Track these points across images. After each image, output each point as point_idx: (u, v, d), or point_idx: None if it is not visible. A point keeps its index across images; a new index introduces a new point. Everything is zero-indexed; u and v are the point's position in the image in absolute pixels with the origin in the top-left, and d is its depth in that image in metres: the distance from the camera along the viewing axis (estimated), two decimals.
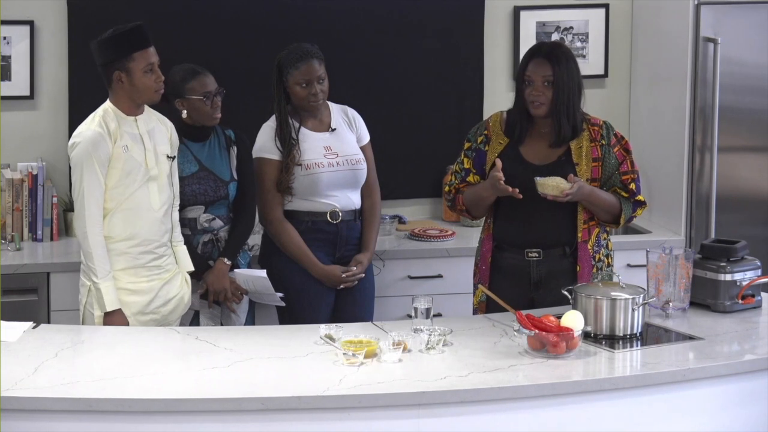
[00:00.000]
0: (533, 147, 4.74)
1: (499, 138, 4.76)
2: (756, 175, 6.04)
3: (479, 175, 4.80)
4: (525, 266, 4.74)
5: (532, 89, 4.65)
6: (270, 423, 3.70)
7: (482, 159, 4.79)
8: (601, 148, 4.72)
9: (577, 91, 4.69)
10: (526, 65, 4.68)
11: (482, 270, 4.83)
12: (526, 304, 4.64)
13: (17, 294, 5.22)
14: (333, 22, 6.01)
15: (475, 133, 4.84)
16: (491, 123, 4.81)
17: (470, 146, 4.83)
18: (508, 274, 4.77)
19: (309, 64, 5.05)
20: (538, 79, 4.64)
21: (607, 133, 4.75)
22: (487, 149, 4.77)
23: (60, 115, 5.83)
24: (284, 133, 5.07)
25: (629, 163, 4.75)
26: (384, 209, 5.69)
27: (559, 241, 4.74)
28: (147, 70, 4.56)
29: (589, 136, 4.73)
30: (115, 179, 4.57)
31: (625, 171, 4.74)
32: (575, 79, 4.68)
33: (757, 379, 4.11)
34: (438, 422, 3.78)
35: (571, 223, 4.73)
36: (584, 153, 4.71)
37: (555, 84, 4.63)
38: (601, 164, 4.73)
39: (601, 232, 4.79)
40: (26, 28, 5.74)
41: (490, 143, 4.77)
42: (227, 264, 5.00)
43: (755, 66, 5.94)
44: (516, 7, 6.26)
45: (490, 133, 4.78)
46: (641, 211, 4.81)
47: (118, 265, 4.61)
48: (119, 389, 3.72)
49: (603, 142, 4.73)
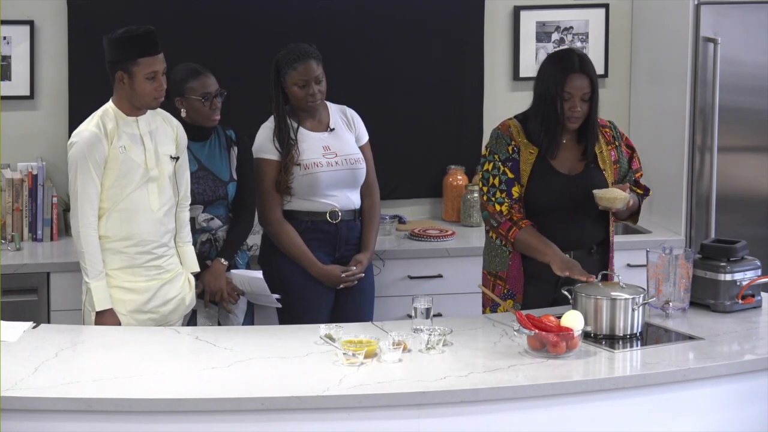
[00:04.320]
0: (561, 156, 4.69)
1: (528, 148, 4.67)
2: (756, 175, 6.04)
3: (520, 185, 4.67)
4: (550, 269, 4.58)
5: (570, 104, 4.59)
6: (270, 423, 3.70)
7: (518, 168, 4.68)
8: (616, 150, 4.75)
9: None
10: (564, 81, 4.58)
11: (513, 279, 4.70)
12: (549, 304, 4.63)
13: (17, 294, 5.22)
14: (333, 22, 6.01)
15: (499, 143, 4.69)
16: (514, 132, 4.69)
17: (501, 157, 4.67)
18: (534, 277, 4.71)
19: (307, 65, 5.05)
20: (577, 95, 4.59)
21: (616, 132, 4.78)
22: (519, 158, 4.67)
23: (60, 115, 5.83)
24: (283, 133, 5.07)
25: (637, 160, 4.81)
26: (384, 209, 5.70)
27: (588, 241, 4.74)
28: (150, 77, 4.55)
29: (604, 139, 4.73)
30: (112, 179, 4.57)
31: (636, 168, 4.81)
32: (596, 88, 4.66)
33: (757, 379, 4.11)
34: (438, 422, 3.78)
35: (603, 223, 4.74)
36: (606, 157, 4.73)
37: (592, 99, 4.62)
38: (617, 166, 4.77)
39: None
40: (26, 28, 5.73)
41: (520, 153, 4.67)
42: (224, 264, 5.00)
43: (755, 66, 5.93)
44: (516, 7, 6.25)
45: (517, 143, 4.67)
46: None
47: (115, 264, 4.61)
48: (119, 389, 3.72)
49: (616, 143, 4.76)
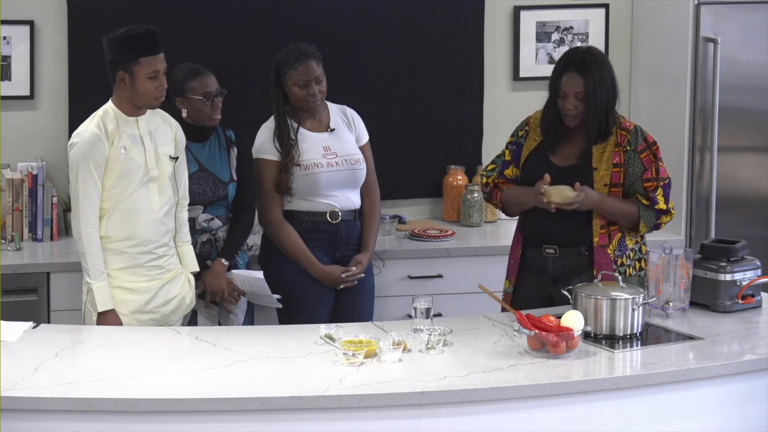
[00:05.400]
0: (564, 147, 4.73)
1: (535, 134, 4.80)
2: (756, 175, 6.04)
3: (517, 168, 4.85)
4: (543, 261, 4.77)
5: (565, 102, 4.63)
6: (270, 423, 3.70)
7: (519, 152, 4.83)
8: (625, 154, 4.67)
9: (612, 98, 4.66)
10: (560, 77, 4.63)
11: (511, 264, 4.88)
12: (545, 298, 4.71)
13: (17, 294, 5.22)
14: (333, 22, 6.01)
15: (518, 127, 4.89)
16: (532, 119, 4.85)
17: (512, 140, 4.88)
18: (530, 269, 4.82)
19: (307, 65, 5.04)
20: (570, 93, 4.61)
21: (634, 138, 4.67)
22: (524, 144, 4.83)
23: (60, 115, 5.82)
24: (283, 133, 5.06)
25: (654, 171, 4.67)
26: (384, 209, 5.69)
27: (576, 242, 4.73)
28: (151, 76, 4.55)
29: (615, 140, 4.68)
30: (113, 180, 4.57)
31: (648, 178, 4.66)
32: (606, 87, 4.64)
33: (757, 379, 4.11)
34: (438, 422, 3.78)
35: (588, 226, 4.70)
36: (605, 158, 4.67)
37: (587, 97, 4.61)
38: (623, 170, 4.67)
39: (626, 238, 4.74)
40: (26, 28, 5.73)
41: (527, 138, 4.82)
42: (225, 264, 5.00)
43: (755, 66, 5.94)
44: (516, 7, 6.25)
45: (530, 128, 4.83)
46: (667, 219, 4.72)
47: (117, 264, 4.61)
48: (119, 389, 3.72)
49: (628, 147, 4.66)
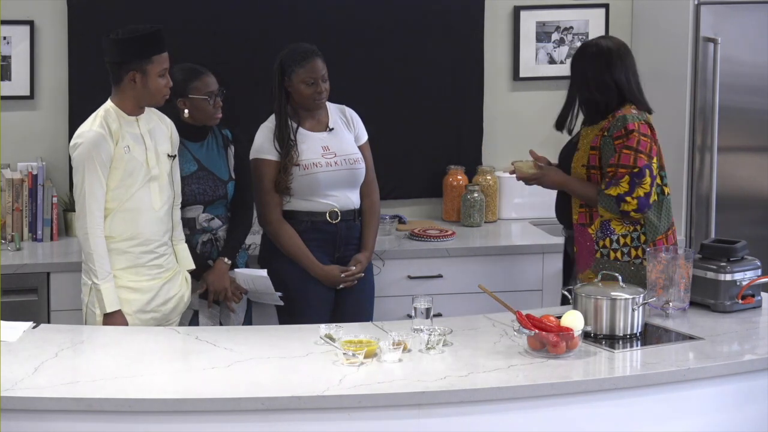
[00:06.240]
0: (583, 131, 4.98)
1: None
2: (756, 175, 6.04)
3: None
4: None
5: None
6: (270, 423, 3.70)
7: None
8: (602, 139, 4.79)
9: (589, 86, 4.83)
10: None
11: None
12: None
13: (17, 294, 5.22)
14: (333, 22, 6.01)
15: None
16: None
17: None
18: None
19: (314, 63, 5.04)
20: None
21: (615, 125, 4.77)
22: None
23: (60, 115, 5.82)
24: (283, 134, 5.06)
25: (617, 157, 4.73)
26: (384, 209, 5.69)
27: (563, 220, 5.00)
28: (162, 74, 4.59)
29: (601, 125, 4.82)
30: (117, 180, 4.58)
31: (611, 164, 4.76)
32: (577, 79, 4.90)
33: (757, 379, 4.11)
34: (438, 422, 3.78)
35: (568, 204, 4.90)
36: (588, 141, 4.84)
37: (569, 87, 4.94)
38: (598, 154, 4.81)
39: (612, 222, 4.77)
40: (26, 28, 5.73)
41: None
42: (227, 263, 5.01)
43: (755, 66, 5.94)
44: (516, 7, 6.25)
45: None
46: (627, 207, 4.71)
47: (120, 264, 4.62)
48: (119, 389, 3.72)
49: (606, 133, 4.78)
